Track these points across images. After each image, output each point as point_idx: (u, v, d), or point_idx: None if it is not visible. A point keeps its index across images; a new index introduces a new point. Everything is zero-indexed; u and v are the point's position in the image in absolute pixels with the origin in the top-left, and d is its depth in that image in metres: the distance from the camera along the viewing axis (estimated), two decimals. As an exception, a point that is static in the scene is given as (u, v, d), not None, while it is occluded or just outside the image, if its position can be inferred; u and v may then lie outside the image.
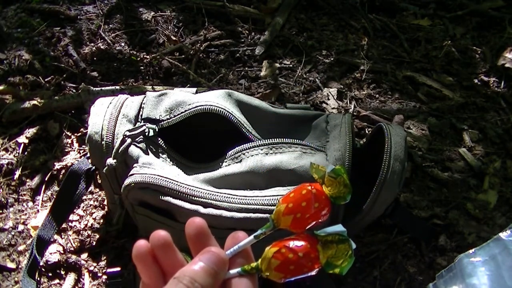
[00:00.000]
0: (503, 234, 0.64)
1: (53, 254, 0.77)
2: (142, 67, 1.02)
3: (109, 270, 0.71)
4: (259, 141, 0.64)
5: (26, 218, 0.82)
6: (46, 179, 0.86)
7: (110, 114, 0.65)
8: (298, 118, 0.71)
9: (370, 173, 0.65)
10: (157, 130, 0.65)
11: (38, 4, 1.11)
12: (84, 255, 0.78)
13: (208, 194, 0.59)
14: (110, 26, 1.10)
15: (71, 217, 0.81)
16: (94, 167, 0.69)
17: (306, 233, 0.37)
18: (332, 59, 1.07)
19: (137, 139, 0.64)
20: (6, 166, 0.87)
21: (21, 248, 0.79)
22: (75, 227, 0.80)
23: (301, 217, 0.36)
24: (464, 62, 1.09)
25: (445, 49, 1.09)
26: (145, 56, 1.04)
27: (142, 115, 0.67)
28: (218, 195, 0.59)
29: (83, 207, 0.83)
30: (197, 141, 0.72)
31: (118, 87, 0.95)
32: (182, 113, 0.65)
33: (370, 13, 1.18)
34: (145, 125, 0.65)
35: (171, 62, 1.02)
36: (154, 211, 0.61)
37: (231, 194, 0.59)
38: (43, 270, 0.76)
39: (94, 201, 0.83)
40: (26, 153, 0.89)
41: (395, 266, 0.78)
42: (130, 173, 0.61)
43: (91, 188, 0.83)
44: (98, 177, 0.73)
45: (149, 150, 0.64)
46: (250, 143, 0.64)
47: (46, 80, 0.98)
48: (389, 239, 0.80)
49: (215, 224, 0.58)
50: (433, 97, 1.02)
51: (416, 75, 1.05)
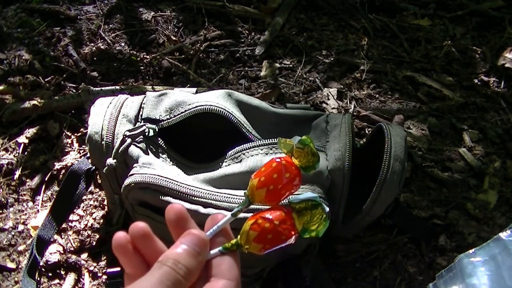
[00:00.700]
0: (503, 234, 0.64)
1: (53, 254, 0.77)
2: (142, 67, 1.02)
3: (109, 270, 0.71)
4: (259, 141, 0.64)
5: (26, 218, 0.82)
6: (46, 179, 0.86)
7: (110, 114, 0.65)
8: (298, 118, 0.71)
9: (370, 173, 0.65)
10: (157, 130, 0.65)
11: (38, 4, 1.11)
12: (84, 255, 0.78)
13: (208, 194, 0.59)
14: (110, 26, 1.10)
15: (71, 217, 0.81)
16: (94, 167, 0.69)
17: (281, 204, 0.38)
18: (332, 59, 1.07)
19: (137, 139, 0.64)
20: (6, 166, 0.87)
21: (21, 248, 0.79)
22: (75, 227, 0.80)
23: (274, 189, 0.37)
24: (464, 62, 1.09)
25: (445, 49, 1.09)
26: (145, 56, 1.04)
27: (142, 115, 0.67)
28: (218, 195, 0.59)
29: (83, 207, 0.83)
30: (197, 141, 0.72)
31: (118, 87, 0.95)
32: (182, 113, 0.65)
33: (370, 13, 1.18)
34: (145, 125, 0.65)
35: (171, 62, 1.02)
36: (154, 211, 0.61)
37: (231, 194, 0.59)
38: (43, 270, 0.76)
39: (94, 201, 0.83)
40: (26, 153, 0.89)
41: (395, 266, 0.78)
42: (130, 173, 0.61)
43: (91, 188, 0.83)
44: (98, 177, 0.73)
45: (149, 150, 0.64)
46: (250, 143, 0.64)
47: (46, 80, 0.98)
48: (389, 239, 0.80)
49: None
50: (433, 97, 1.02)
51: (416, 75, 1.05)
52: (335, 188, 0.63)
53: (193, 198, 0.59)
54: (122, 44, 1.06)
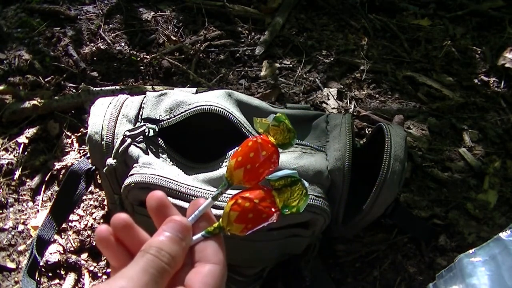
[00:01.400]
0: (503, 234, 0.64)
1: (53, 254, 0.77)
2: (142, 67, 1.02)
3: (109, 270, 0.71)
4: (259, 141, 0.64)
5: (26, 218, 0.82)
6: (46, 179, 0.86)
7: (110, 114, 0.65)
8: (298, 118, 0.71)
9: (370, 173, 0.65)
10: (157, 130, 0.65)
11: (38, 4, 1.11)
12: (84, 255, 0.78)
13: (208, 194, 0.59)
14: (110, 26, 1.10)
15: (71, 217, 0.81)
16: (94, 167, 0.69)
17: (261, 184, 0.38)
18: (332, 59, 1.07)
19: (137, 139, 0.64)
20: (6, 166, 0.87)
21: (21, 248, 0.79)
22: (75, 227, 0.80)
23: (251, 167, 0.37)
24: (464, 62, 1.09)
25: (445, 49, 1.09)
26: (145, 56, 1.04)
27: (142, 115, 0.67)
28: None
29: (83, 207, 0.83)
30: (197, 141, 0.72)
31: (118, 87, 0.95)
32: (182, 113, 0.65)
33: (370, 13, 1.18)
34: (145, 125, 0.65)
35: (171, 62, 1.02)
36: (154, 211, 0.61)
37: (231, 194, 0.59)
38: (43, 270, 0.76)
39: (94, 201, 0.83)
40: (26, 153, 0.89)
41: (395, 266, 0.78)
42: (130, 173, 0.61)
43: (91, 188, 0.83)
44: (98, 177, 0.73)
45: (149, 150, 0.64)
46: (250, 143, 0.64)
47: (46, 80, 0.98)
48: (389, 239, 0.80)
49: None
50: (433, 97, 1.02)
51: (416, 75, 1.05)
52: (335, 188, 0.63)
53: (193, 198, 0.58)
54: (122, 44, 1.06)
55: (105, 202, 0.83)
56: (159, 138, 0.65)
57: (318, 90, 1.01)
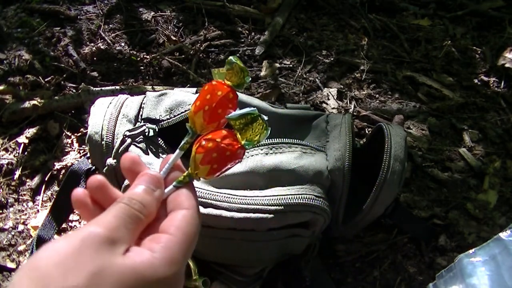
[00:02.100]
0: (503, 234, 0.64)
1: (53, 254, 0.77)
2: (142, 67, 1.02)
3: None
4: (259, 141, 0.64)
5: (26, 218, 0.82)
6: (46, 179, 0.86)
7: (110, 114, 0.65)
8: (298, 118, 0.71)
9: (370, 173, 0.66)
10: (157, 130, 0.65)
11: (38, 4, 1.11)
12: (84, 255, 0.78)
13: (208, 194, 0.59)
14: (110, 26, 1.10)
15: (71, 217, 0.81)
16: (94, 167, 0.69)
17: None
18: (332, 59, 1.07)
19: (137, 139, 0.64)
20: (6, 166, 0.87)
21: (21, 248, 0.79)
22: (75, 227, 0.80)
23: (209, 108, 0.38)
24: (464, 62, 1.09)
25: (445, 49, 1.09)
26: (145, 56, 1.04)
27: (142, 115, 0.67)
28: (218, 195, 0.59)
29: (83, 207, 0.83)
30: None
31: (118, 87, 0.95)
32: (182, 113, 0.65)
33: (370, 13, 1.18)
34: (145, 125, 0.65)
35: (171, 62, 1.02)
36: (154, 211, 0.61)
37: (231, 194, 0.59)
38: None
39: (94, 201, 0.83)
40: (26, 153, 0.89)
41: (395, 266, 0.78)
42: (130, 173, 0.61)
43: (91, 188, 0.83)
44: (98, 177, 0.73)
45: (149, 150, 0.64)
46: (250, 143, 0.64)
47: (46, 80, 0.98)
48: (389, 239, 0.80)
49: (215, 224, 0.58)
50: (433, 97, 1.02)
51: (416, 75, 1.05)
52: (335, 188, 0.63)
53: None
54: (122, 44, 1.06)
55: (105, 202, 0.82)
56: (159, 138, 0.65)
57: (318, 90, 1.01)
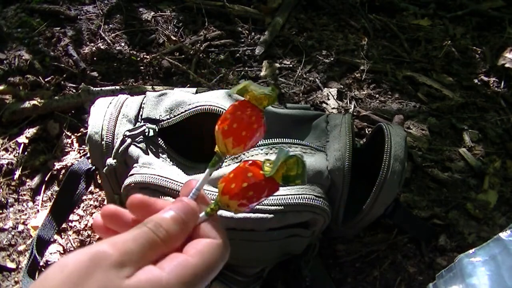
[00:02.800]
0: (503, 234, 0.64)
1: (53, 254, 0.77)
2: (142, 67, 1.02)
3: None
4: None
5: (26, 218, 0.82)
6: (46, 179, 0.86)
7: (110, 114, 0.65)
8: (298, 118, 0.71)
9: (370, 173, 0.65)
10: (157, 130, 0.65)
11: (38, 4, 1.11)
12: (84, 255, 0.78)
13: (208, 194, 0.59)
14: (110, 26, 1.10)
15: (71, 217, 0.81)
16: (94, 167, 0.69)
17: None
18: (332, 59, 1.07)
19: (137, 139, 0.64)
20: (6, 166, 0.87)
21: (21, 248, 0.79)
22: (75, 227, 0.80)
23: (237, 126, 0.37)
24: (464, 62, 1.09)
25: (445, 49, 1.09)
26: (145, 56, 1.04)
27: (142, 115, 0.67)
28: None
29: (83, 207, 0.83)
30: (197, 141, 0.72)
31: (118, 87, 0.95)
32: (182, 113, 0.65)
33: (370, 13, 1.18)
34: (145, 125, 0.65)
35: (171, 62, 1.02)
36: (154, 211, 0.61)
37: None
38: (43, 270, 0.76)
39: (94, 201, 0.83)
40: (26, 153, 0.89)
41: (395, 266, 0.78)
42: (130, 173, 0.61)
43: (91, 188, 0.83)
44: (98, 177, 0.73)
45: (149, 150, 0.64)
46: (250, 143, 0.64)
47: (46, 80, 0.98)
48: (389, 239, 0.80)
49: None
50: (433, 97, 1.02)
51: (416, 75, 1.05)
52: (335, 188, 0.63)
53: (193, 198, 0.58)
54: (122, 44, 1.06)
55: (105, 202, 0.83)
56: (159, 138, 0.65)
57: (318, 90, 1.01)
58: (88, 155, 0.69)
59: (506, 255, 0.61)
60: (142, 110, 0.67)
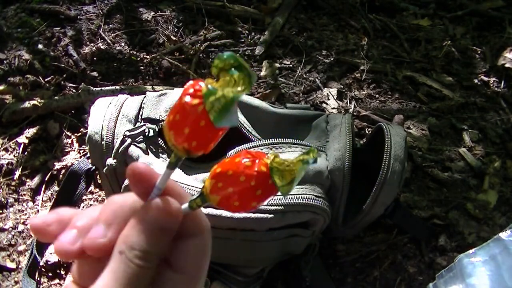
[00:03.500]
0: (503, 234, 0.64)
1: (53, 254, 0.77)
2: (142, 67, 1.02)
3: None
4: (259, 141, 0.64)
5: (26, 218, 0.82)
6: (46, 179, 0.86)
7: (110, 114, 0.65)
8: (298, 118, 0.71)
9: (370, 173, 0.66)
10: (157, 130, 0.65)
11: (38, 4, 1.11)
12: (84, 255, 0.78)
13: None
14: (110, 26, 1.10)
15: (71, 217, 0.81)
16: (94, 167, 0.69)
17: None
18: (332, 59, 1.07)
19: (137, 139, 0.64)
20: (6, 166, 0.87)
21: (21, 248, 0.79)
22: (75, 227, 0.80)
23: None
24: (464, 62, 1.09)
25: (445, 49, 1.09)
26: (145, 56, 1.04)
27: (142, 115, 0.67)
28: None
29: (83, 207, 0.83)
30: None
31: (118, 87, 0.95)
32: (182, 113, 0.65)
33: (370, 13, 1.18)
34: (145, 125, 0.65)
35: (171, 62, 1.02)
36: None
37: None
38: (43, 270, 0.76)
39: (94, 201, 0.83)
40: (26, 153, 0.89)
41: (395, 266, 0.78)
42: (130, 173, 0.61)
43: (91, 188, 0.83)
44: (98, 177, 0.73)
45: (149, 150, 0.64)
46: (250, 143, 0.64)
47: (46, 80, 0.98)
48: (389, 239, 0.80)
49: (215, 224, 0.58)
50: (433, 97, 1.02)
51: (416, 75, 1.05)
52: (335, 188, 0.63)
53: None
54: (122, 44, 1.06)
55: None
56: (159, 138, 0.65)
57: (318, 90, 1.01)
58: (88, 155, 0.69)
59: (506, 255, 0.61)
60: (142, 110, 0.67)
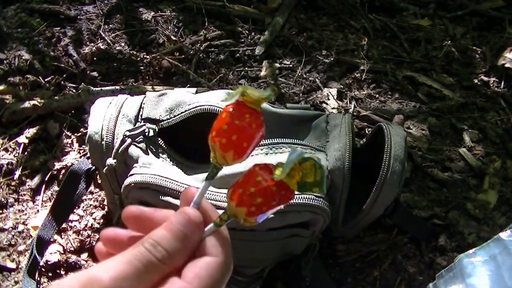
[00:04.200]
0: (503, 234, 0.64)
1: (53, 254, 0.77)
2: (142, 67, 1.02)
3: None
4: (259, 141, 0.64)
5: (26, 218, 0.82)
6: (46, 179, 0.86)
7: (110, 114, 0.65)
8: (298, 118, 0.71)
9: (370, 173, 0.66)
10: (157, 130, 0.65)
11: (38, 4, 1.11)
12: (84, 255, 0.78)
13: (208, 194, 0.59)
14: (110, 26, 1.10)
15: (71, 217, 0.81)
16: (94, 167, 0.69)
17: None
18: (332, 59, 1.07)
19: (137, 139, 0.64)
20: (6, 166, 0.87)
21: (21, 248, 0.79)
22: (75, 227, 0.80)
23: (237, 138, 0.33)
24: (464, 62, 1.09)
25: (445, 49, 1.09)
26: (145, 56, 1.04)
27: (142, 115, 0.67)
28: (218, 195, 0.59)
29: (83, 207, 0.83)
30: (197, 141, 0.72)
31: (118, 87, 0.95)
32: (182, 113, 0.65)
33: (370, 13, 1.18)
34: (145, 125, 0.65)
35: (171, 62, 1.02)
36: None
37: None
38: (43, 270, 0.76)
39: (94, 201, 0.83)
40: (26, 153, 0.89)
41: (395, 266, 0.78)
42: (130, 173, 0.61)
43: (91, 188, 0.83)
44: (98, 177, 0.73)
45: (149, 150, 0.64)
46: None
47: (46, 80, 0.98)
48: (389, 239, 0.80)
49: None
50: (433, 97, 1.02)
51: (416, 75, 1.05)
52: (335, 188, 0.63)
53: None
54: (122, 44, 1.06)
55: (105, 202, 0.83)
56: (159, 138, 0.65)
57: (318, 90, 1.01)
58: (88, 155, 0.69)
59: (506, 255, 0.61)
60: (142, 110, 0.67)
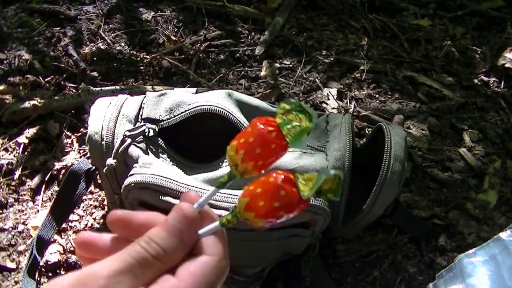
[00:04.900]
0: (503, 234, 0.64)
1: (53, 254, 0.77)
2: (142, 67, 1.02)
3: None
4: (259, 141, 0.64)
5: (26, 218, 0.82)
6: (46, 179, 0.86)
7: (110, 114, 0.65)
8: (298, 118, 0.71)
9: (370, 173, 0.66)
10: (157, 130, 0.65)
11: (38, 4, 1.11)
12: (84, 255, 0.78)
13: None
14: (110, 26, 1.10)
15: (71, 217, 0.81)
16: (94, 167, 0.69)
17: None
18: (332, 59, 1.07)
19: (137, 139, 0.64)
20: (6, 166, 0.87)
21: (21, 248, 0.79)
22: (75, 227, 0.80)
23: (262, 164, 0.34)
24: (464, 62, 1.09)
25: (445, 49, 1.09)
26: (145, 56, 1.04)
27: (142, 115, 0.67)
28: (218, 195, 0.59)
29: (83, 207, 0.83)
30: (197, 141, 0.72)
31: (118, 87, 0.95)
32: (182, 113, 0.65)
33: (370, 13, 1.18)
34: (145, 125, 0.65)
35: (171, 62, 1.02)
36: (154, 211, 0.61)
37: (231, 194, 0.59)
38: (43, 270, 0.76)
39: (94, 201, 0.83)
40: (26, 153, 0.89)
41: (395, 266, 0.78)
42: (130, 173, 0.61)
43: (91, 188, 0.83)
44: (98, 177, 0.73)
45: (149, 150, 0.64)
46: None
47: (46, 80, 0.98)
48: (389, 239, 0.80)
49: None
50: (433, 97, 1.02)
51: (416, 75, 1.05)
52: (335, 188, 0.63)
53: (193, 198, 0.58)
54: (122, 44, 1.06)
55: (105, 202, 0.83)
56: (159, 138, 0.65)
57: (318, 90, 1.01)
58: (88, 155, 0.69)
59: (506, 255, 0.61)
60: (142, 110, 0.67)
